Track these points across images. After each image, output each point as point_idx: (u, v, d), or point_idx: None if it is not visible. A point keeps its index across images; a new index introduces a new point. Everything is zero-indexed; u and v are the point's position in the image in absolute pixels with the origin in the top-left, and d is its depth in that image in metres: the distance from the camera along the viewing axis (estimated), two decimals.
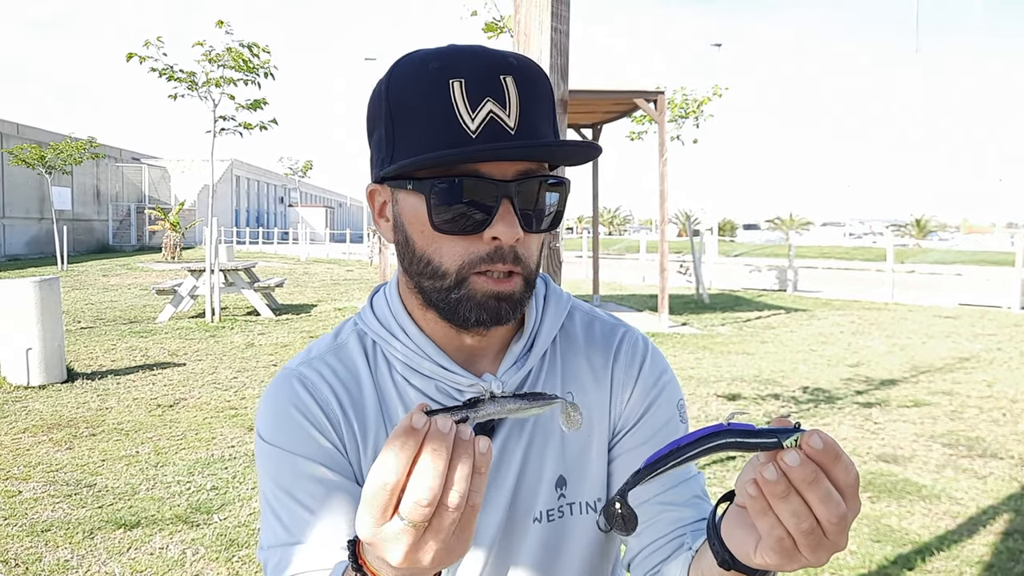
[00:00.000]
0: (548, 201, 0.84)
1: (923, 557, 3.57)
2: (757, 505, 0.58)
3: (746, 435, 0.57)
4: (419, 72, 0.80)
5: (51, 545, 3.65)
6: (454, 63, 0.79)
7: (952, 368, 8.22)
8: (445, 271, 0.83)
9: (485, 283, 0.82)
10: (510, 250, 0.81)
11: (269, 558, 0.87)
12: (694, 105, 14.11)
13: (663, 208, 11.44)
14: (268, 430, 0.91)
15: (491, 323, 0.84)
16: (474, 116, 0.77)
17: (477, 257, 0.81)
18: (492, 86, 0.78)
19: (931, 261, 30.42)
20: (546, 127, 0.83)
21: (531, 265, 0.85)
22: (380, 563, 0.60)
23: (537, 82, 0.82)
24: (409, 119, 0.81)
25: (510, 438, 0.93)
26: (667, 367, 1.03)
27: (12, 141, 27.07)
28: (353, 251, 33.54)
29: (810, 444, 0.55)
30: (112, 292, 15.37)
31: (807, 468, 0.55)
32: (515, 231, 0.79)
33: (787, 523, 0.57)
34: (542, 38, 1.95)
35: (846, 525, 0.57)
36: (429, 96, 0.79)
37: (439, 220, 0.80)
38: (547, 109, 0.84)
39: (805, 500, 0.56)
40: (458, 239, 0.81)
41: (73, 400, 6.39)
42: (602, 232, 35.68)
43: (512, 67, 0.80)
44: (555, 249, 2.06)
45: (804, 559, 0.59)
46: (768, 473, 0.56)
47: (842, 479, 0.57)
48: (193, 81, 10.86)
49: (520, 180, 0.80)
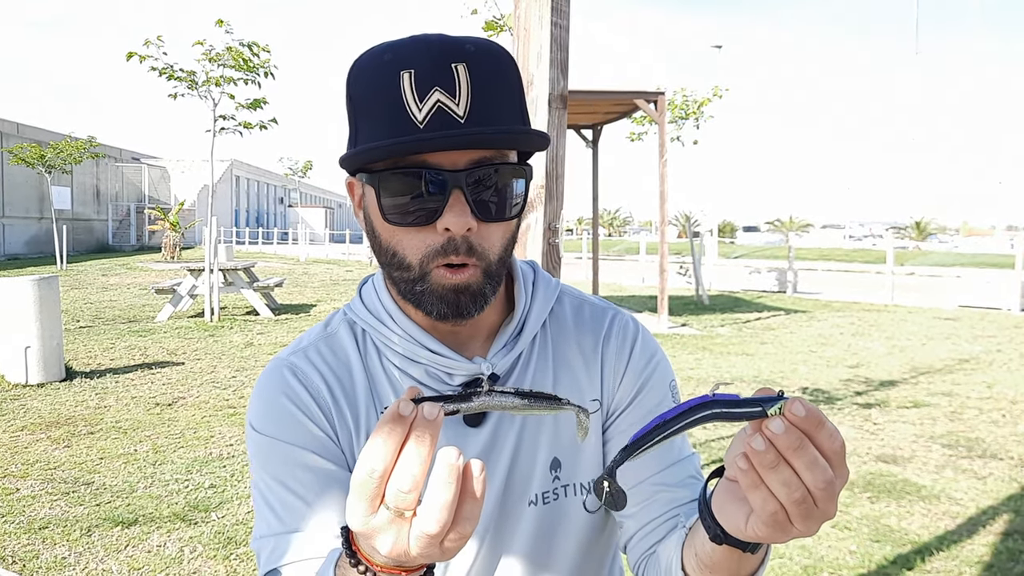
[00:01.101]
0: (508, 189, 0.82)
1: (922, 557, 3.56)
2: (748, 478, 0.57)
3: (731, 405, 0.57)
4: (375, 64, 0.81)
5: (49, 543, 3.64)
6: (407, 54, 0.79)
7: (952, 369, 8.22)
8: (409, 263, 0.83)
9: (444, 275, 0.82)
10: (463, 241, 0.80)
11: (263, 547, 0.86)
12: (694, 106, 14.12)
13: (663, 209, 11.43)
14: (259, 420, 0.90)
15: (453, 316, 0.84)
16: (421, 106, 0.77)
17: (434, 249, 0.81)
18: (441, 76, 0.77)
19: (931, 263, 30.42)
20: (504, 113, 0.81)
21: (490, 256, 0.83)
22: (372, 551, 0.60)
23: (495, 68, 0.81)
24: (365, 111, 0.81)
25: (503, 421, 0.93)
26: (658, 348, 1.02)
27: (12, 140, 27.07)
28: (352, 252, 33.52)
29: (792, 411, 0.55)
30: (111, 291, 15.36)
31: (792, 435, 0.55)
32: (465, 221, 0.78)
33: (779, 494, 0.56)
34: (542, 33, 1.94)
35: (834, 492, 0.57)
36: (380, 88, 0.79)
37: (389, 212, 0.81)
38: (506, 95, 0.82)
39: (794, 469, 0.56)
40: (415, 231, 0.81)
41: (71, 398, 6.38)
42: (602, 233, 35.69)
43: (466, 54, 0.79)
44: (555, 245, 2.05)
45: (796, 530, 0.59)
46: (756, 443, 0.56)
47: (827, 445, 0.56)
48: (193, 80, 10.86)
49: (471, 169, 0.79)
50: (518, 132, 0.81)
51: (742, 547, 0.66)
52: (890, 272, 16.73)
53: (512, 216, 0.84)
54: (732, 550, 0.68)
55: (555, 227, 2.01)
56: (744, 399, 0.57)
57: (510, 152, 0.83)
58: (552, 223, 2.00)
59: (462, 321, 0.85)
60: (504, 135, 0.80)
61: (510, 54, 0.85)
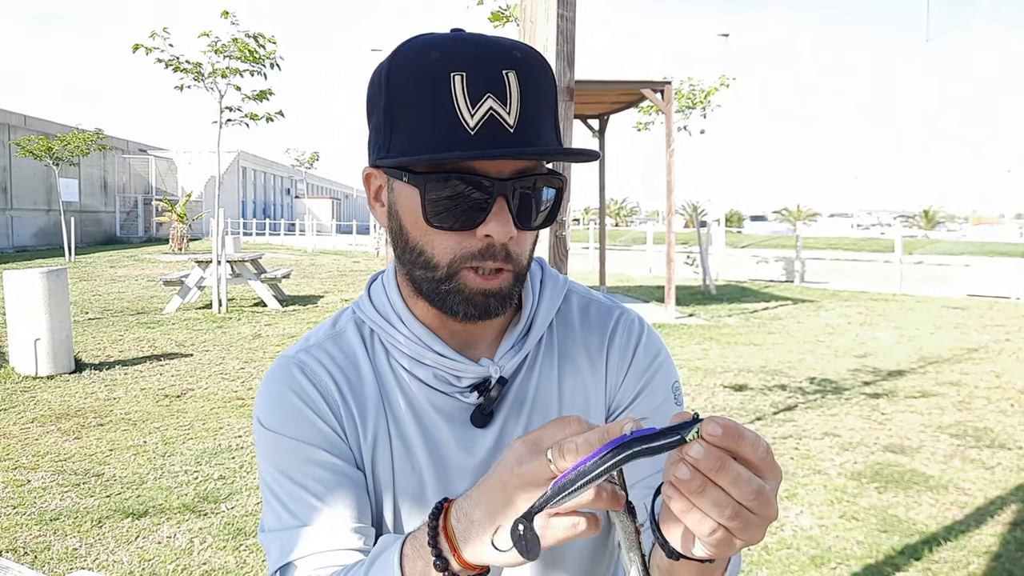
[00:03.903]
0: (544, 198, 0.83)
1: (930, 547, 3.56)
2: (679, 505, 0.57)
3: (649, 440, 0.55)
4: (420, 61, 0.79)
5: (60, 534, 3.67)
6: (457, 55, 0.78)
7: (960, 359, 8.19)
8: (437, 263, 0.83)
9: (474, 279, 0.82)
10: (502, 248, 0.81)
11: (272, 541, 0.87)
12: (701, 95, 14.04)
13: (670, 199, 11.41)
14: (267, 416, 0.91)
15: (479, 318, 0.85)
16: (474, 112, 0.76)
17: (469, 253, 0.81)
18: (494, 81, 0.77)
19: (939, 252, 30.27)
20: (547, 123, 0.82)
21: (522, 261, 0.85)
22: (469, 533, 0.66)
23: (540, 76, 0.82)
24: (408, 110, 0.80)
25: (509, 420, 0.93)
26: (662, 349, 1.02)
27: (19, 132, 27.13)
28: (359, 243, 33.56)
29: (709, 432, 0.54)
30: (119, 283, 15.42)
31: (712, 456, 0.54)
32: (508, 229, 0.79)
33: (712, 514, 0.56)
34: (548, 26, 1.94)
35: (767, 498, 0.56)
36: (429, 88, 0.78)
37: (433, 216, 0.80)
38: (549, 104, 0.83)
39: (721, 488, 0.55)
40: (451, 234, 0.81)
41: (81, 390, 6.41)
42: (609, 224, 35.57)
43: (516, 61, 0.79)
44: (561, 238, 2.05)
45: (740, 542, 0.58)
46: (680, 472, 0.56)
47: (751, 455, 0.56)
48: (199, 72, 10.85)
49: (516, 178, 0.79)
50: (575, 153, 0.81)
51: (699, 560, 0.65)
52: (898, 261, 16.67)
53: (546, 224, 0.85)
54: (691, 564, 0.67)
55: (561, 219, 2.02)
56: (661, 430, 0.56)
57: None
58: (559, 215, 2.00)
59: (487, 320, 0.86)
60: (561, 153, 0.80)
61: (547, 61, 0.85)
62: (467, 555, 0.66)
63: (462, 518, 0.67)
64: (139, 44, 10.49)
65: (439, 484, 0.91)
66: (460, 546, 0.66)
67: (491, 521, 0.64)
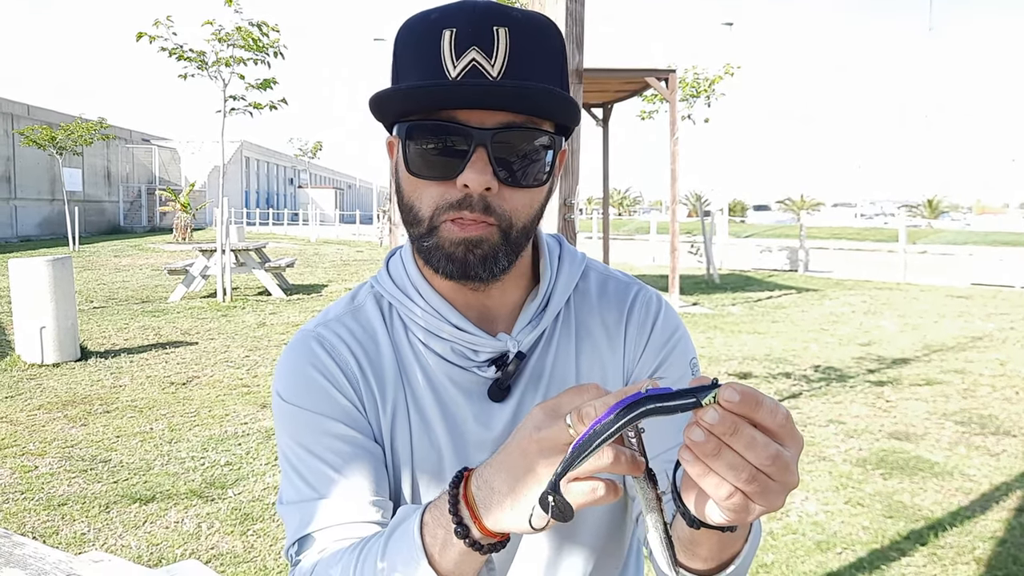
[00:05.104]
0: (534, 157, 0.82)
1: (935, 533, 3.57)
2: (696, 468, 0.57)
3: (665, 399, 0.55)
4: (422, 22, 0.81)
5: (68, 519, 3.69)
6: (454, 13, 0.79)
7: (964, 347, 8.19)
8: (421, 217, 0.83)
9: (452, 229, 0.81)
10: (480, 199, 0.80)
11: (291, 513, 0.87)
12: (705, 84, 13.99)
13: (674, 188, 11.38)
14: (287, 389, 0.91)
15: (460, 276, 0.83)
16: (456, 63, 0.77)
17: (447, 203, 0.81)
18: (481, 36, 0.77)
19: (943, 242, 30.20)
20: (540, 81, 0.80)
21: (510, 220, 0.82)
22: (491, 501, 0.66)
23: (541, 37, 0.82)
24: (405, 66, 0.82)
25: (526, 395, 0.93)
26: (680, 325, 1.01)
27: (23, 122, 27.12)
28: (363, 232, 33.57)
29: (726, 398, 0.54)
30: (124, 272, 15.44)
31: (727, 421, 0.54)
32: (485, 179, 0.78)
33: (728, 477, 0.56)
34: (556, 7, 1.93)
35: (786, 463, 0.56)
36: (422, 44, 0.80)
37: (414, 165, 0.81)
38: (547, 64, 0.82)
39: (736, 451, 0.55)
40: (434, 185, 0.81)
41: (87, 378, 6.43)
42: (612, 213, 35.45)
43: (512, 20, 0.79)
44: (570, 221, 2.05)
45: (759, 507, 0.58)
46: (695, 435, 0.55)
47: (770, 422, 0.56)
48: (203, 61, 10.83)
49: (498, 129, 0.79)
50: (537, 90, 0.79)
51: (720, 529, 0.65)
52: (902, 250, 16.63)
53: (535, 184, 0.83)
54: (711, 532, 0.68)
55: (570, 203, 2.01)
56: (678, 391, 0.56)
57: (543, 122, 0.82)
58: (567, 199, 2.00)
59: (470, 284, 0.85)
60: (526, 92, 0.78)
61: (558, 29, 0.85)
62: (488, 523, 0.66)
63: (483, 486, 0.67)
64: (143, 32, 10.47)
65: (457, 458, 0.91)
66: (481, 514, 0.67)
67: (512, 488, 0.64)
